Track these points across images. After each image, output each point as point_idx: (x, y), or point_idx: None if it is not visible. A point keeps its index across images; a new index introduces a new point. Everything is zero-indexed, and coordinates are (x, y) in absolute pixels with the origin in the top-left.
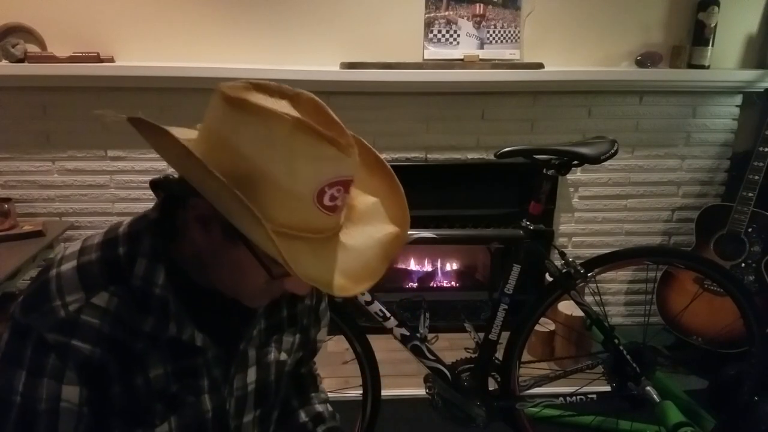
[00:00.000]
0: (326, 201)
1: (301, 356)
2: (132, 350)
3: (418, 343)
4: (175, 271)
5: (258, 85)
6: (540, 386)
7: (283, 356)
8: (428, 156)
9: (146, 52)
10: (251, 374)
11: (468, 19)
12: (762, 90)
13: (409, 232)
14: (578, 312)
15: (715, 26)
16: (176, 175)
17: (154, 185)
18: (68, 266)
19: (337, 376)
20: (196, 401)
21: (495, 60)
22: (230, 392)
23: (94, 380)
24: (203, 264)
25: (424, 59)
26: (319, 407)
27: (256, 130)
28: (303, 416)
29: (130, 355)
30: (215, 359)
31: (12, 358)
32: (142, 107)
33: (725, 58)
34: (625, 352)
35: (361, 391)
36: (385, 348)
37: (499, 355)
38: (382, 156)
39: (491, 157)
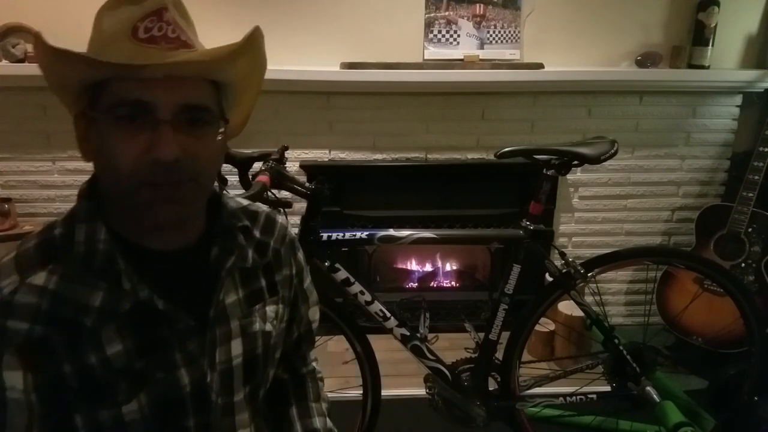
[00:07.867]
0: (141, 34)
1: (296, 337)
2: (81, 327)
3: (418, 343)
4: (113, 234)
5: None
6: (540, 386)
7: (268, 327)
8: (428, 156)
9: None
10: (236, 347)
11: (468, 19)
12: (762, 90)
13: (409, 232)
14: (578, 312)
15: (715, 26)
16: None
17: None
18: (7, 258)
19: (337, 376)
20: (168, 376)
21: (495, 60)
22: (212, 366)
23: (38, 361)
24: (107, 195)
25: (424, 59)
26: (317, 421)
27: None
28: (299, 429)
29: (79, 332)
30: (187, 330)
31: None
32: None
33: (725, 58)
34: (625, 352)
35: (361, 391)
36: (385, 348)
37: (499, 355)
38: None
39: (491, 157)
